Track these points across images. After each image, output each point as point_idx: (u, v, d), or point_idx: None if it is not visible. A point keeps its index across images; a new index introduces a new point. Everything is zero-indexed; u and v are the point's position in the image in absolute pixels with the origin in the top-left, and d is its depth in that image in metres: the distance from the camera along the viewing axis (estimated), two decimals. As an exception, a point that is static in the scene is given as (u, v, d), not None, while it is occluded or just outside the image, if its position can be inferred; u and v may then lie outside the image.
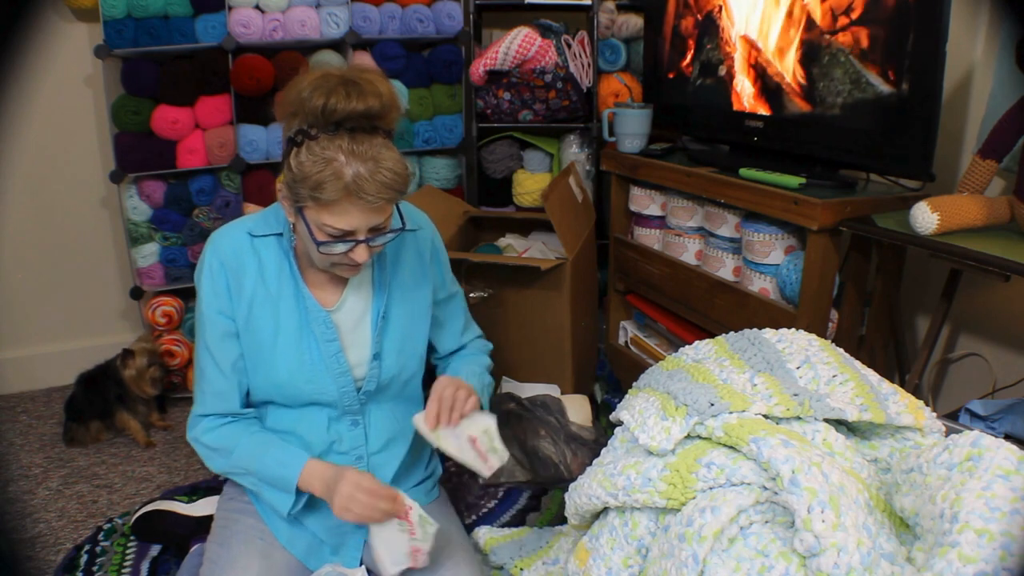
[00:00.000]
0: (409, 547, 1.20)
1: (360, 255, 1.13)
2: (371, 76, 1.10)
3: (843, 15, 1.56)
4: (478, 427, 1.26)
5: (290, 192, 1.11)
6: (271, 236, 1.24)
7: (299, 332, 1.24)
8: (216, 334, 1.23)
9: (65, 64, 2.26)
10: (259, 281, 1.22)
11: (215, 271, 1.22)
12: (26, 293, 2.39)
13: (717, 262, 1.88)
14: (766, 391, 1.10)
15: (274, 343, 1.23)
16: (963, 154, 1.73)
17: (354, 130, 1.07)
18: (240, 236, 1.23)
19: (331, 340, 1.24)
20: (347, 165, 1.05)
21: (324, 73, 1.08)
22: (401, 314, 1.31)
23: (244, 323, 1.23)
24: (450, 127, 2.49)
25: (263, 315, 1.23)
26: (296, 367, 1.24)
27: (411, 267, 1.34)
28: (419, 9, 2.35)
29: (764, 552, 0.91)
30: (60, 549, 1.65)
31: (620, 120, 2.13)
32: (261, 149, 2.29)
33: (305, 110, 1.07)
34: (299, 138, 1.08)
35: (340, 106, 1.05)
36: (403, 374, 1.33)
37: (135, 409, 2.11)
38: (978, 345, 1.78)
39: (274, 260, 1.23)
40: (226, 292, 1.22)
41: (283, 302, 1.23)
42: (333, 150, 1.06)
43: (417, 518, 1.21)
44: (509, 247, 2.35)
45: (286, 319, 1.23)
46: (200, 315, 1.24)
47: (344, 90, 1.05)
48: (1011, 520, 0.78)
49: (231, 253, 1.22)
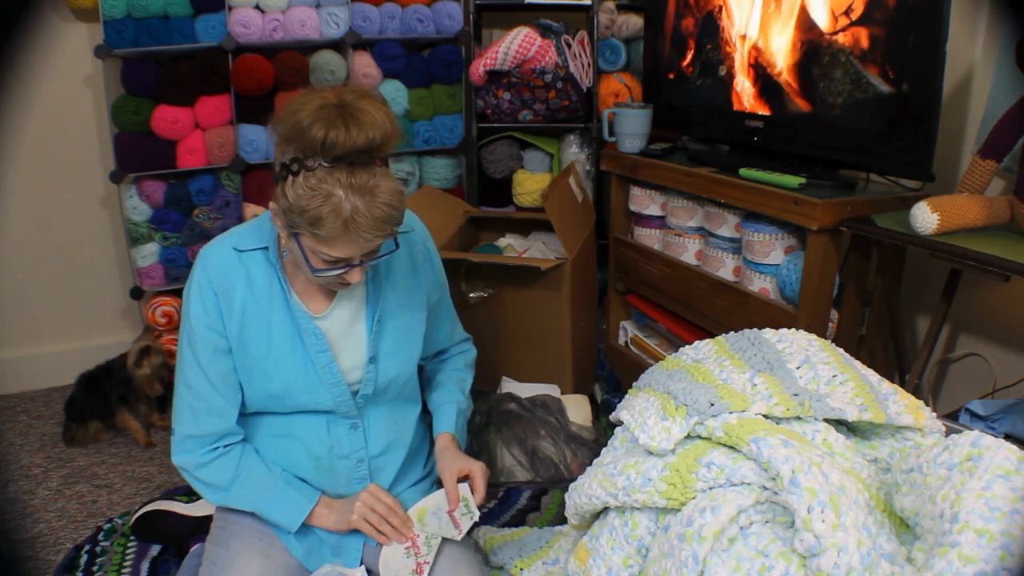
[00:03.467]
0: (415, 564, 1.23)
1: (354, 277, 1.14)
2: (370, 105, 1.06)
3: (843, 15, 1.56)
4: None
5: (285, 218, 1.10)
6: (257, 250, 1.23)
7: (292, 344, 1.24)
8: (207, 351, 1.22)
9: (65, 64, 2.26)
10: (249, 296, 1.22)
11: (204, 288, 1.21)
12: (26, 293, 2.39)
13: (717, 262, 1.88)
14: (766, 391, 1.10)
15: (267, 356, 1.23)
16: (963, 154, 1.73)
17: (353, 164, 1.05)
18: (227, 252, 1.22)
19: (322, 351, 1.24)
20: (345, 200, 1.04)
21: (322, 103, 1.04)
22: (396, 317, 1.31)
23: (237, 338, 1.22)
24: (450, 127, 2.49)
25: (255, 329, 1.22)
26: (291, 379, 1.24)
27: (404, 270, 1.34)
28: (419, 9, 2.35)
29: (764, 552, 0.91)
30: (60, 549, 1.65)
31: (620, 120, 2.13)
32: (261, 149, 2.29)
33: (302, 139, 1.04)
34: (295, 167, 1.06)
35: (340, 141, 1.02)
36: (401, 376, 1.33)
37: (136, 409, 2.11)
38: (978, 345, 1.78)
39: (262, 274, 1.23)
40: (216, 310, 1.21)
41: (274, 315, 1.23)
42: (331, 184, 1.04)
43: (423, 540, 1.25)
44: (509, 247, 2.35)
45: (278, 331, 1.23)
46: (189, 333, 1.22)
47: (343, 123, 1.02)
48: (1011, 520, 0.78)
49: (219, 271, 1.21)
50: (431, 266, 1.40)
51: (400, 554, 1.25)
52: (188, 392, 1.24)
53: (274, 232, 1.22)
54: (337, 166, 1.04)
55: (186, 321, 1.23)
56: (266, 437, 1.30)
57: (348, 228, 1.05)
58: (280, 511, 1.25)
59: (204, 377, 1.23)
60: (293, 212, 1.07)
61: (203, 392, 1.23)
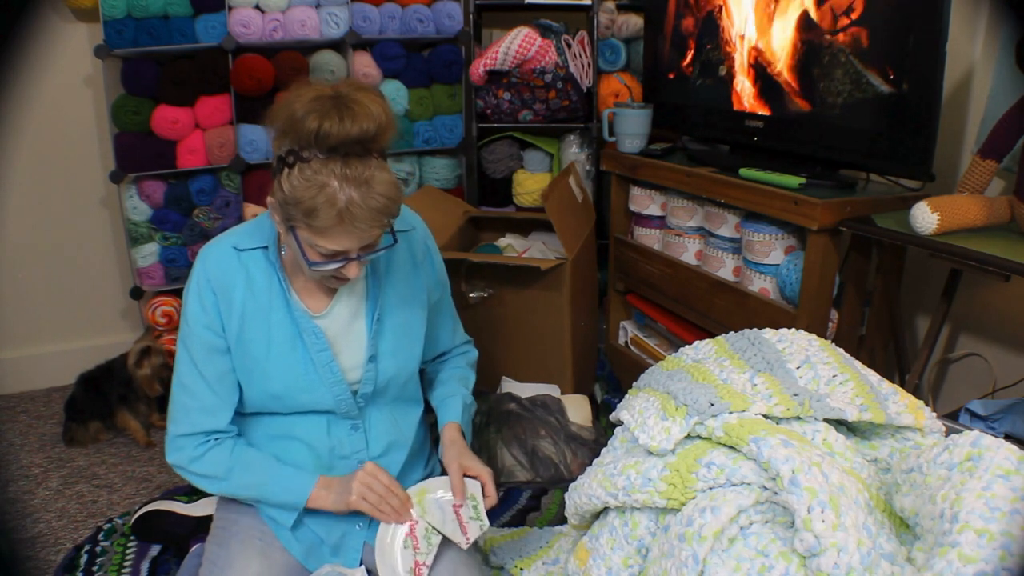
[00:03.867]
0: (413, 562, 1.21)
1: (351, 272, 1.13)
2: (365, 97, 1.06)
3: (843, 15, 1.56)
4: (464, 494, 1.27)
5: (282, 211, 1.10)
6: (257, 249, 1.23)
7: (292, 343, 1.23)
8: (203, 350, 1.22)
9: (65, 64, 2.26)
10: (248, 295, 1.22)
11: (203, 288, 1.21)
12: (26, 293, 2.39)
13: (717, 262, 1.88)
14: (766, 391, 1.10)
15: (267, 355, 1.23)
16: (963, 154, 1.73)
17: (348, 155, 1.05)
18: (226, 252, 1.22)
19: (322, 350, 1.24)
20: (340, 191, 1.04)
21: (317, 94, 1.05)
22: (396, 315, 1.31)
23: (236, 338, 1.22)
24: (450, 127, 2.49)
25: (255, 328, 1.22)
26: (291, 379, 1.23)
27: (404, 268, 1.33)
28: (419, 9, 2.35)
29: (764, 552, 0.91)
30: (60, 549, 1.65)
31: (620, 120, 2.13)
32: (261, 149, 2.29)
33: (297, 131, 1.04)
34: (291, 159, 1.06)
35: (334, 131, 1.02)
36: (401, 375, 1.33)
37: (136, 409, 2.11)
38: (978, 345, 1.78)
39: (262, 273, 1.23)
40: (214, 309, 1.21)
41: (274, 314, 1.23)
42: (326, 175, 1.04)
43: (423, 532, 1.22)
44: (509, 247, 2.35)
45: (278, 331, 1.23)
46: (187, 331, 1.23)
47: (338, 114, 1.03)
48: (1011, 520, 0.78)
49: (218, 270, 1.21)
50: (432, 264, 1.40)
51: (399, 542, 1.21)
52: (182, 392, 1.24)
53: (274, 231, 1.23)
54: (332, 157, 1.05)
55: (184, 320, 1.23)
56: (266, 438, 1.29)
57: (343, 219, 1.05)
58: (283, 491, 1.23)
59: (199, 375, 1.23)
60: (289, 204, 1.07)
61: (197, 391, 1.23)
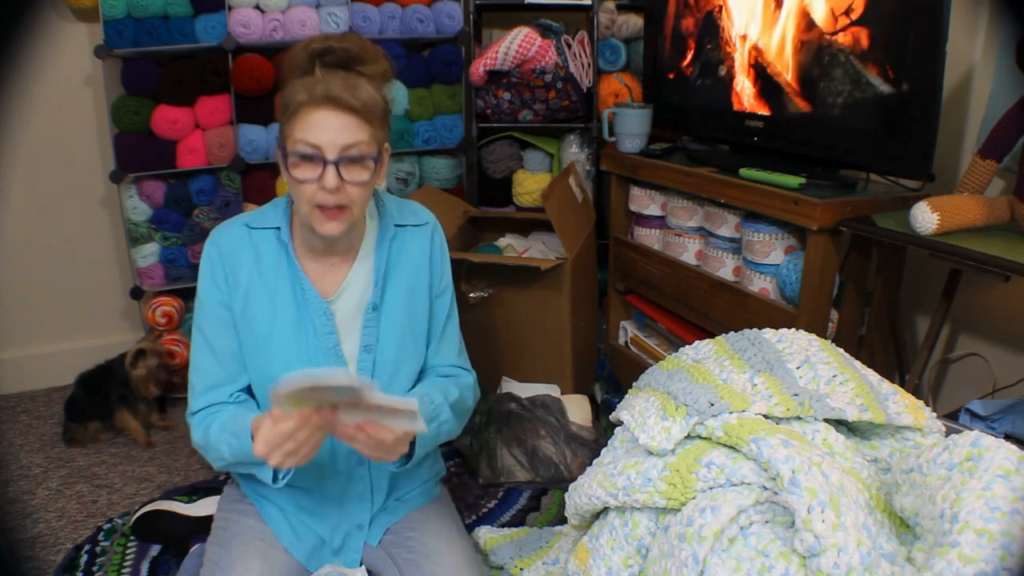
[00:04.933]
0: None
1: (330, 180, 1.10)
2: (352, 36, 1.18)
3: (843, 15, 1.56)
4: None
5: (279, 138, 1.16)
6: (269, 229, 1.25)
7: (296, 324, 1.23)
8: (217, 324, 1.23)
9: (65, 64, 2.25)
10: (255, 272, 1.22)
11: (214, 262, 1.23)
12: (26, 293, 2.39)
13: (717, 262, 1.88)
14: (766, 391, 1.10)
15: (270, 334, 1.22)
16: (963, 154, 1.73)
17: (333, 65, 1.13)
18: (238, 229, 1.24)
19: (330, 333, 1.23)
20: (321, 81, 1.11)
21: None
22: (399, 307, 1.29)
23: (241, 314, 1.23)
24: (450, 127, 2.49)
25: (259, 306, 1.22)
26: (293, 359, 1.22)
27: (412, 261, 1.32)
28: (419, 9, 2.35)
29: (764, 552, 0.91)
30: (60, 549, 1.65)
31: (620, 120, 2.13)
32: (261, 149, 2.28)
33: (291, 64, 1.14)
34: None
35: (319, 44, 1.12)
36: (401, 373, 1.29)
37: (136, 409, 2.11)
38: (978, 345, 1.78)
39: (272, 252, 1.24)
40: (224, 283, 1.22)
41: (280, 294, 1.23)
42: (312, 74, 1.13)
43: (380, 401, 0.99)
44: (509, 247, 2.35)
45: (283, 310, 1.23)
46: (200, 311, 1.24)
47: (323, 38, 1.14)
48: (1011, 520, 0.78)
49: (228, 246, 1.23)
50: (439, 263, 1.38)
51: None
52: (194, 369, 1.25)
53: (287, 214, 1.24)
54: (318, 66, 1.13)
55: (198, 300, 1.25)
56: None
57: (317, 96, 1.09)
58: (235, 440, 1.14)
59: (211, 351, 1.23)
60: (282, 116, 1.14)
61: (205, 365, 1.24)
